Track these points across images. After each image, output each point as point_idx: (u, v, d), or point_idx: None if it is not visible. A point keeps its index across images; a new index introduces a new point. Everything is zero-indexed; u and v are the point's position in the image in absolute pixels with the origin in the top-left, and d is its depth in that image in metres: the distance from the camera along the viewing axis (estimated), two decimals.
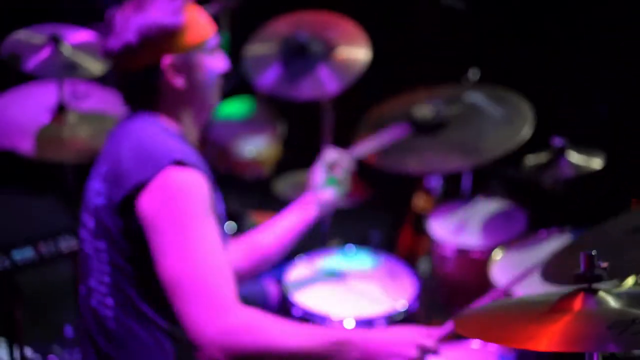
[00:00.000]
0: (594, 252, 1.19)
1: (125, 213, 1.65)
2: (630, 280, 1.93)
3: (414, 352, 1.66)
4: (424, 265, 3.14)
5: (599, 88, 3.30)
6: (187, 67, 1.74)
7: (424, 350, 1.68)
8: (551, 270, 1.73)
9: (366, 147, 2.40)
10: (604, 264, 1.19)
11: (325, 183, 2.18)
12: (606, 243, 1.74)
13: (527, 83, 2.80)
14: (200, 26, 1.76)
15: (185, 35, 1.72)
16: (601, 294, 1.19)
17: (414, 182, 3.27)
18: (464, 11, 3.51)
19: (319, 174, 2.19)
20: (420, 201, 3.24)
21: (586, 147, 2.40)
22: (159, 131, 1.75)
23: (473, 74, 3.15)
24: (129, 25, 1.69)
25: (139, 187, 1.62)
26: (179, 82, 1.74)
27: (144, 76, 1.73)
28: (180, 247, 1.56)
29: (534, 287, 1.82)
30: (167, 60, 1.72)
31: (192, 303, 1.53)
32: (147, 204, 1.61)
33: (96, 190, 1.74)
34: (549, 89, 3.30)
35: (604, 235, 1.82)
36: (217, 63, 1.82)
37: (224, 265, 1.59)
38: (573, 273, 1.21)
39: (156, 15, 1.69)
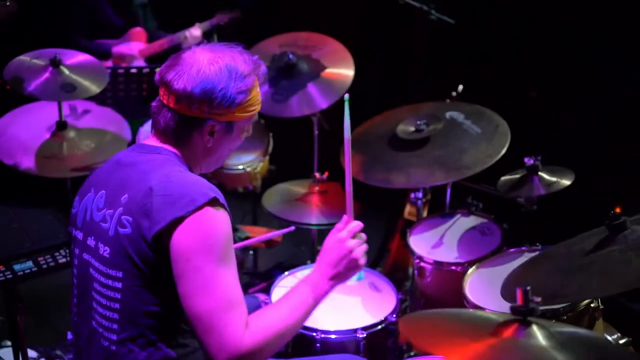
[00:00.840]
0: (528, 288, 1.28)
1: (157, 245, 1.70)
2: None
3: (350, 246, 1.77)
4: (412, 273, 3.25)
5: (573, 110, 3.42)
6: (223, 132, 1.84)
7: (354, 235, 1.80)
8: (509, 289, 1.83)
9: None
10: (538, 299, 1.28)
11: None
12: (559, 265, 1.84)
13: (503, 103, 2.90)
14: (253, 105, 1.86)
15: (238, 111, 1.82)
16: (534, 328, 1.27)
17: (405, 193, 3.37)
18: (453, 25, 3.58)
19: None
20: (411, 212, 3.33)
21: (557, 166, 2.50)
22: (186, 170, 1.84)
23: (460, 90, 3.24)
24: (198, 78, 1.77)
25: (176, 223, 1.67)
26: (209, 142, 1.85)
27: (185, 122, 1.81)
28: (210, 284, 1.66)
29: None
30: (211, 123, 1.81)
31: (214, 334, 1.64)
32: (182, 238, 1.68)
33: (118, 219, 1.77)
34: (524, 110, 3.42)
35: (562, 255, 1.91)
36: (243, 136, 1.93)
37: (241, 300, 1.70)
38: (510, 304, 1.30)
39: (226, 84, 1.77)
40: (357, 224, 1.82)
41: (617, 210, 2.02)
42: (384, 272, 3.53)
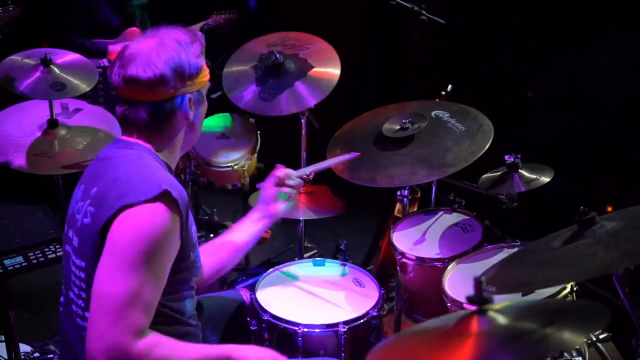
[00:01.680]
0: (483, 279, 1.32)
1: (104, 233, 1.76)
2: None
3: None
4: None
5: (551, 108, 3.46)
6: (198, 102, 1.96)
7: None
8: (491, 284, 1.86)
9: (313, 167, 2.59)
10: (492, 288, 1.33)
11: (276, 198, 2.39)
12: (532, 258, 1.88)
13: (485, 102, 2.93)
14: (207, 69, 1.99)
15: (202, 75, 1.95)
16: (490, 313, 1.32)
17: (395, 192, 3.40)
18: (444, 25, 3.61)
19: (269, 189, 2.37)
20: (400, 210, 3.36)
21: (537, 164, 2.54)
22: (154, 161, 1.91)
23: (449, 90, 3.28)
24: (161, 59, 1.85)
25: (122, 210, 1.74)
26: (192, 114, 1.94)
27: (167, 106, 1.89)
28: (127, 273, 1.70)
29: None
30: (189, 96, 1.92)
31: (105, 319, 1.69)
32: (120, 224, 1.73)
33: (85, 210, 1.84)
34: (506, 109, 3.46)
35: (536, 250, 1.95)
36: (206, 102, 2.04)
37: (151, 307, 1.75)
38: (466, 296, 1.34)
39: (185, 55, 1.88)
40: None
41: (609, 209, 2.06)
42: (374, 269, 3.60)
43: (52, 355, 3.26)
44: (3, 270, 2.53)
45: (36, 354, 3.27)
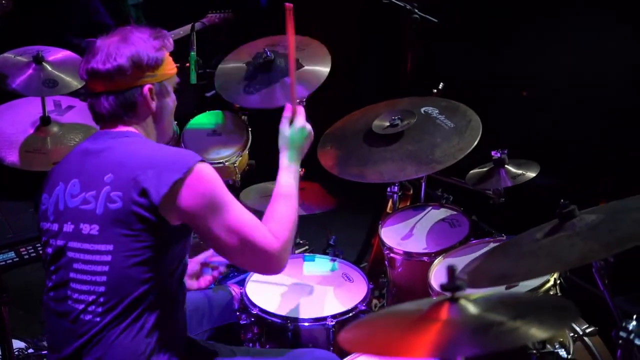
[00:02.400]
0: (455, 267, 1.35)
1: (163, 209, 1.86)
2: None
3: (309, 128, 2.34)
4: None
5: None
6: (160, 94, 2.07)
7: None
8: (472, 276, 1.89)
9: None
10: (464, 277, 1.35)
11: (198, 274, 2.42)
12: (513, 251, 1.90)
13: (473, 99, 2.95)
14: (171, 63, 2.10)
15: (163, 68, 2.05)
16: (462, 302, 1.35)
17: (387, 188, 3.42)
18: (436, 23, 3.63)
19: (193, 265, 2.40)
20: (392, 207, 3.39)
21: (523, 159, 2.56)
22: (160, 144, 2.07)
23: (440, 87, 3.30)
24: (120, 52, 1.97)
25: (177, 185, 1.86)
26: (153, 104, 2.04)
27: (127, 95, 2.00)
28: (234, 219, 1.94)
29: None
30: (149, 85, 2.02)
31: (256, 247, 1.95)
32: (190, 199, 1.88)
33: (106, 196, 1.89)
34: (492, 105, 3.48)
35: (517, 243, 1.97)
36: (174, 96, 2.14)
37: (256, 218, 2.01)
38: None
39: (144, 48, 2.00)
40: (301, 108, 2.30)
41: (602, 203, 2.08)
42: (367, 266, 3.62)
43: (46, 352, 3.28)
44: None
45: (30, 350, 3.30)
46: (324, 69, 2.97)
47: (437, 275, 2.40)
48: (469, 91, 3.41)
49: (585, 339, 2.46)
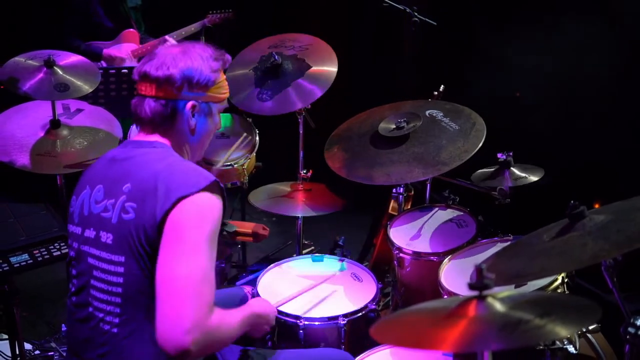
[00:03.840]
0: (483, 266, 1.40)
1: (162, 224, 1.81)
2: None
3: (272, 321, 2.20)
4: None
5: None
6: (203, 113, 2.06)
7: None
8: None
9: None
10: (492, 275, 1.40)
11: None
12: (524, 250, 1.96)
13: (478, 102, 3.01)
14: (224, 88, 2.09)
15: (214, 90, 2.05)
16: (489, 300, 1.40)
17: (390, 190, 3.47)
18: (435, 27, 3.69)
19: None
20: (394, 207, 3.43)
21: (528, 161, 2.63)
22: (183, 159, 2.02)
23: (441, 90, 3.35)
24: (175, 63, 1.98)
25: (179, 201, 1.82)
26: (193, 121, 2.04)
27: (170, 106, 1.99)
28: (194, 255, 1.79)
29: None
30: (192, 102, 2.02)
31: (183, 301, 1.74)
32: (179, 213, 1.82)
33: (121, 206, 1.90)
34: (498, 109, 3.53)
35: (528, 243, 2.03)
36: (218, 119, 2.14)
37: (214, 282, 1.85)
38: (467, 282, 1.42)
39: (200, 65, 2.00)
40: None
41: (596, 206, 2.14)
42: (369, 265, 3.67)
43: (52, 353, 3.31)
44: (9, 268, 2.58)
45: (37, 352, 3.32)
46: (332, 69, 3.01)
47: (447, 275, 2.45)
48: (467, 93, 3.46)
49: (588, 335, 2.53)
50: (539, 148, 3.20)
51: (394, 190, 3.15)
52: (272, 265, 2.78)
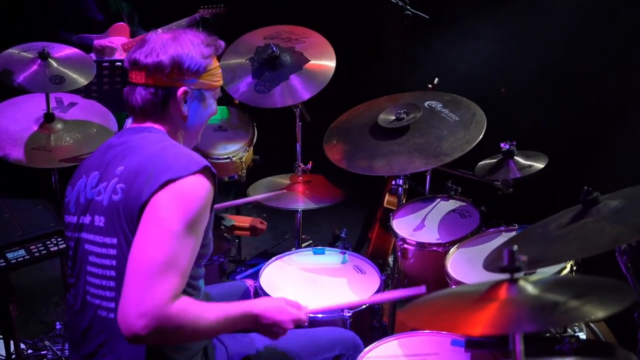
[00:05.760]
0: (515, 248, 1.39)
1: (145, 207, 1.78)
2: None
3: (290, 324, 1.97)
4: (392, 260, 3.36)
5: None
6: (195, 100, 2.02)
7: (297, 323, 1.99)
8: (494, 261, 1.93)
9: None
10: (524, 258, 1.39)
11: None
12: (539, 237, 1.96)
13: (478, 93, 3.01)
14: (217, 75, 2.05)
15: (206, 77, 2.01)
16: (521, 282, 1.39)
17: (385, 184, 3.47)
18: (427, 20, 3.68)
19: None
20: (389, 201, 3.43)
21: (531, 151, 2.63)
22: (178, 143, 1.98)
23: (435, 83, 3.35)
24: (165, 50, 1.94)
25: (166, 184, 1.78)
26: (185, 108, 2.00)
27: (161, 93, 1.96)
28: (165, 240, 1.73)
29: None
30: (183, 88, 1.98)
31: (143, 284, 1.69)
32: (161, 195, 1.78)
33: (113, 188, 1.87)
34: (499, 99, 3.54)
35: (540, 230, 2.03)
36: (213, 107, 2.10)
37: (186, 271, 1.78)
38: (498, 265, 1.40)
39: (190, 51, 1.96)
40: (304, 319, 2.02)
41: None
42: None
43: (45, 352, 3.25)
44: (6, 264, 2.53)
45: (30, 351, 3.26)
46: (330, 64, 3.00)
47: (453, 264, 2.45)
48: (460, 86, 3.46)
49: (591, 324, 2.55)
50: (533, 138, 3.20)
51: (393, 183, 3.13)
52: (273, 258, 2.75)
